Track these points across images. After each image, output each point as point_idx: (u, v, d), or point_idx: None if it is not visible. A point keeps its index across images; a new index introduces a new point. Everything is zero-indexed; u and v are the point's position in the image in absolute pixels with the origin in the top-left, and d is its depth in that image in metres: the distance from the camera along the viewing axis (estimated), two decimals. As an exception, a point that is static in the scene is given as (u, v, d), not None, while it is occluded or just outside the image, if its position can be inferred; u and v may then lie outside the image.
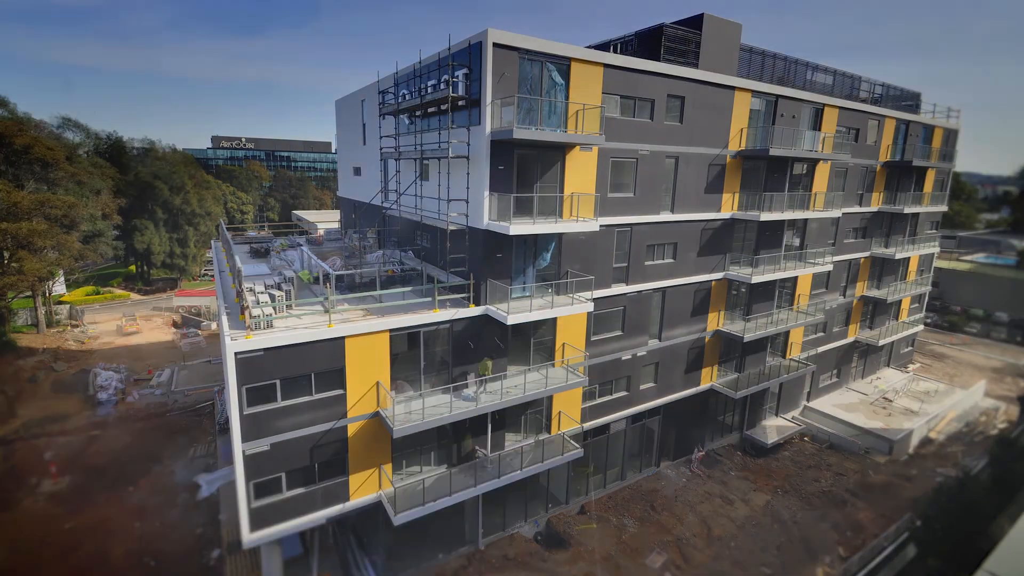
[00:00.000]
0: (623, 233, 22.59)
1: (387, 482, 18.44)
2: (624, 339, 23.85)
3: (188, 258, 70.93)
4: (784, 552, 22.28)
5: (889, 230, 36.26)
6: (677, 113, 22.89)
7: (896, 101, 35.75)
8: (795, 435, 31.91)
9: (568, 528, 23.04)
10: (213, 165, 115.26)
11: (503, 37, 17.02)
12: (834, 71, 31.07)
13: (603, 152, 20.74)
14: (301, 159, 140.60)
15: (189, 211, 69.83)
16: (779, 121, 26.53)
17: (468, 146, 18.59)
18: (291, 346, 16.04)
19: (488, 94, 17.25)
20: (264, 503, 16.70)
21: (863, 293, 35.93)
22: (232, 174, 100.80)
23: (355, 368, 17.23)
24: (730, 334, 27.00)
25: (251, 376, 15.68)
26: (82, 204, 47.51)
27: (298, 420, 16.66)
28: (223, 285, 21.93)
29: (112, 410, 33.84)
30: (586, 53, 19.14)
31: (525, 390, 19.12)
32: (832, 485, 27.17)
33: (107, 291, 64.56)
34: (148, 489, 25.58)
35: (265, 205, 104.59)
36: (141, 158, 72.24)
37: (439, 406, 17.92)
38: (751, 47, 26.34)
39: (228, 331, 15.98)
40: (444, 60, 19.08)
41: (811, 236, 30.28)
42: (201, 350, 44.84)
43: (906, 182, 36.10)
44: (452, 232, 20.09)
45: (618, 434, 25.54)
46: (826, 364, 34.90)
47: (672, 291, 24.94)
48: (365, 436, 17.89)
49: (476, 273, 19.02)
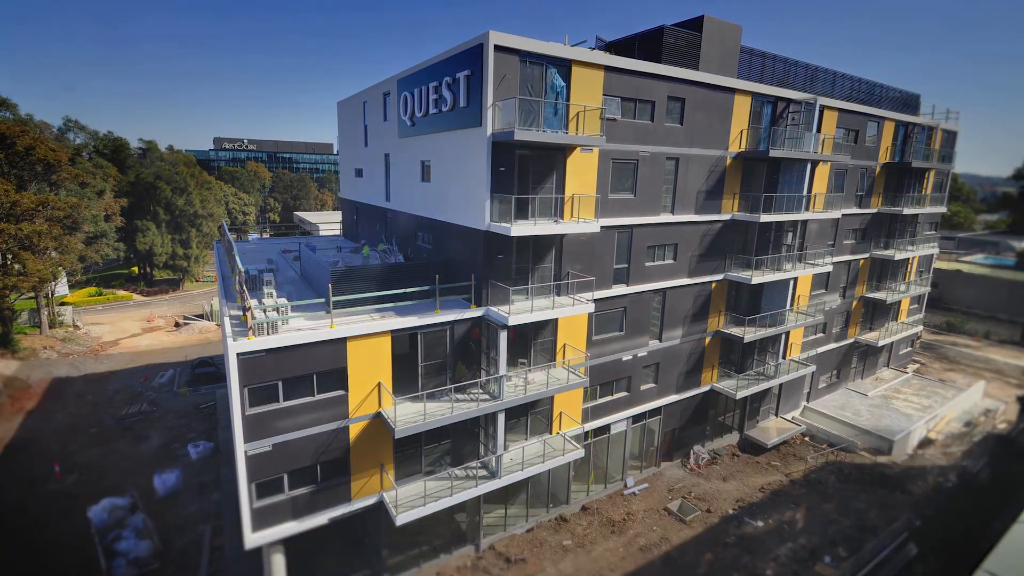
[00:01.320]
0: (624, 234, 22.68)
1: (388, 482, 18.53)
2: (625, 340, 23.94)
3: (190, 259, 71.10)
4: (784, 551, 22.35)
5: (888, 231, 36.34)
6: (677, 115, 22.98)
7: (895, 103, 35.85)
8: (795, 435, 31.98)
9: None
10: (215, 166, 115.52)
11: (504, 39, 17.12)
12: (834, 73, 31.18)
13: (604, 153, 20.84)
14: (303, 160, 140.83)
15: (191, 212, 70.03)
16: (779, 123, 26.64)
17: (469, 147, 18.69)
18: (293, 347, 16.13)
19: (489, 96, 17.34)
20: (266, 503, 16.79)
21: (863, 294, 36.01)
22: (234, 175, 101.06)
23: (357, 369, 17.32)
24: (730, 335, 27.09)
25: (253, 376, 15.78)
26: (85, 205, 47.64)
27: (300, 420, 16.75)
28: (225, 286, 22.05)
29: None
30: (587, 55, 19.24)
31: (526, 391, 19.21)
32: (831, 485, 27.22)
33: (109, 292, 64.74)
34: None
35: (267, 206, 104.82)
36: (143, 159, 72.43)
37: (440, 406, 18.02)
38: (751, 49, 26.44)
39: (230, 331, 16.08)
40: (446, 62, 19.22)
41: (811, 237, 30.36)
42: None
43: (905, 183, 36.19)
44: (454, 233, 20.20)
45: (619, 434, 25.62)
46: (826, 365, 34.97)
47: (672, 292, 25.03)
48: (367, 436, 17.98)
49: (477, 274, 19.13)
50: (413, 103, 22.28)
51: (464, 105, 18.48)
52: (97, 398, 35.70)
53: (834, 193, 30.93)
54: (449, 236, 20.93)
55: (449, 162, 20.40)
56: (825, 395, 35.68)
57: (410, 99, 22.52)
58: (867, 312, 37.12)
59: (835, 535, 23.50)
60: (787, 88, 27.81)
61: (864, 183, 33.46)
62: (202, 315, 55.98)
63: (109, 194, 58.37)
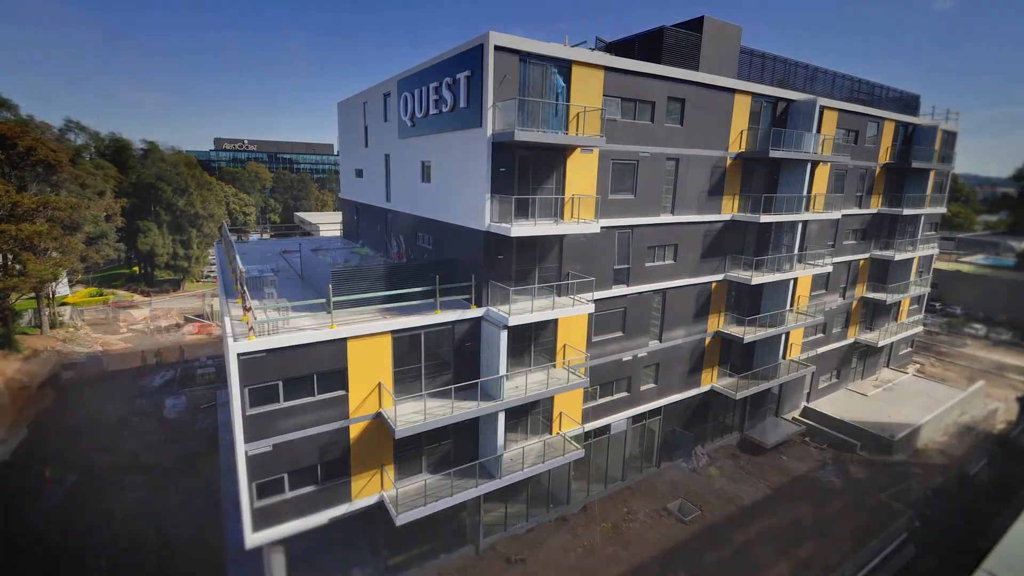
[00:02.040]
0: (624, 235, 22.71)
1: (389, 482, 18.56)
2: (625, 340, 23.96)
3: (191, 259, 71.16)
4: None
5: (888, 232, 36.36)
6: (678, 115, 23.01)
7: (895, 103, 35.87)
8: (795, 435, 32.00)
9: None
10: (216, 167, 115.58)
11: (504, 40, 17.15)
12: (834, 74, 31.20)
13: (604, 154, 20.87)
14: (303, 161, 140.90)
15: (192, 212, 70.09)
16: (779, 123, 26.66)
17: (469, 148, 18.72)
18: (293, 347, 16.15)
19: (489, 96, 17.37)
20: (266, 503, 16.81)
21: (862, 294, 36.02)
22: (235, 176, 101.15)
23: (357, 369, 17.35)
24: (730, 335, 27.11)
25: (253, 377, 15.81)
26: (85, 205, 47.69)
27: (301, 421, 16.78)
28: (226, 286, 22.08)
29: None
30: (587, 55, 19.27)
31: (526, 391, 19.23)
32: (831, 485, 27.24)
33: (110, 292, 64.77)
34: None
35: (267, 207, 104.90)
36: (144, 160, 72.49)
37: (441, 406, 18.04)
38: (751, 49, 26.47)
39: (231, 332, 16.10)
40: (446, 62, 19.25)
41: (811, 238, 30.39)
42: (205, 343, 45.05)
43: (905, 184, 36.21)
44: (454, 233, 20.23)
45: (619, 435, 25.64)
46: (826, 365, 34.98)
47: (673, 292, 25.05)
48: (367, 437, 18.00)
49: (477, 274, 19.16)
50: (413, 104, 22.32)
51: (464, 106, 18.51)
52: (98, 399, 35.72)
53: (834, 193, 30.95)
54: (449, 236, 20.96)
55: (449, 163, 20.43)
56: (825, 395, 35.70)
57: (410, 99, 22.56)
58: (867, 312, 37.13)
59: (835, 535, 23.52)
60: (787, 88, 27.85)
61: (864, 183, 33.48)
62: (202, 315, 56.05)
63: (110, 195, 58.41)
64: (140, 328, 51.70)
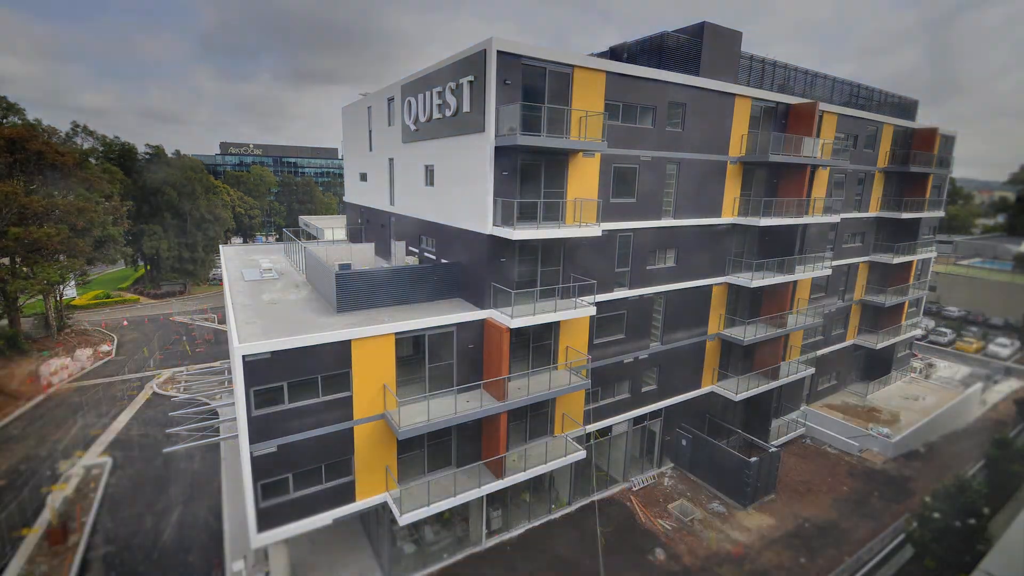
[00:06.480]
0: (625, 238, 22.94)
1: (393, 483, 18.77)
2: (626, 342, 24.17)
3: (197, 262, 71.57)
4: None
5: (887, 235, 36.51)
6: (678, 120, 23.26)
7: (894, 108, 36.08)
8: (794, 437, 32.11)
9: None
10: (221, 171, 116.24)
11: (507, 45, 17.40)
12: (833, 78, 31.44)
13: (605, 158, 21.11)
14: (308, 165, 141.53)
15: (198, 216, 70.55)
16: (778, 127, 26.88)
17: (472, 152, 18.99)
18: (298, 349, 16.40)
19: (492, 101, 17.63)
20: (271, 504, 17.04)
21: (861, 297, 36.17)
22: (240, 180, 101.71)
23: (361, 370, 17.59)
24: (731, 338, 27.29)
25: (259, 378, 16.05)
26: (92, 208, 48.14)
27: (305, 422, 17.01)
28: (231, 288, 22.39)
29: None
30: (589, 61, 19.52)
31: (528, 393, 19.46)
32: (830, 486, 27.35)
33: (116, 295, 65.26)
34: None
35: (272, 210, 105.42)
36: (151, 164, 72.96)
37: (444, 408, 18.28)
38: (751, 55, 26.74)
39: (236, 333, 16.38)
40: (449, 67, 19.53)
41: (810, 241, 30.56)
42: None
43: (904, 188, 36.38)
44: (457, 237, 20.47)
45: (620, 436, 25.82)
46: (825, 367, 35.10)
47: (673, 295, 25.25)
48: (371, 438, 18.24)
49: (480, 277, 19.41)
50: (417, 108, 22.62)
51: (467, 110, 18.77)
52: (98, 399, 36.06)
53: (833, 197, 31.13)
54: (453, 240, 21.22)
55: (453, 167, 20.70)
56: (825, 397, 35.80)
57: (414, 104, 22.86)
58: (866, 315, 37.26)
59: (834, 535, 23.64)
60: (787, 93, 28.08)
61: (863, 187, 33.65)
62: (207, 317, 56.47)
63: (116, 198, 58.89)
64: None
